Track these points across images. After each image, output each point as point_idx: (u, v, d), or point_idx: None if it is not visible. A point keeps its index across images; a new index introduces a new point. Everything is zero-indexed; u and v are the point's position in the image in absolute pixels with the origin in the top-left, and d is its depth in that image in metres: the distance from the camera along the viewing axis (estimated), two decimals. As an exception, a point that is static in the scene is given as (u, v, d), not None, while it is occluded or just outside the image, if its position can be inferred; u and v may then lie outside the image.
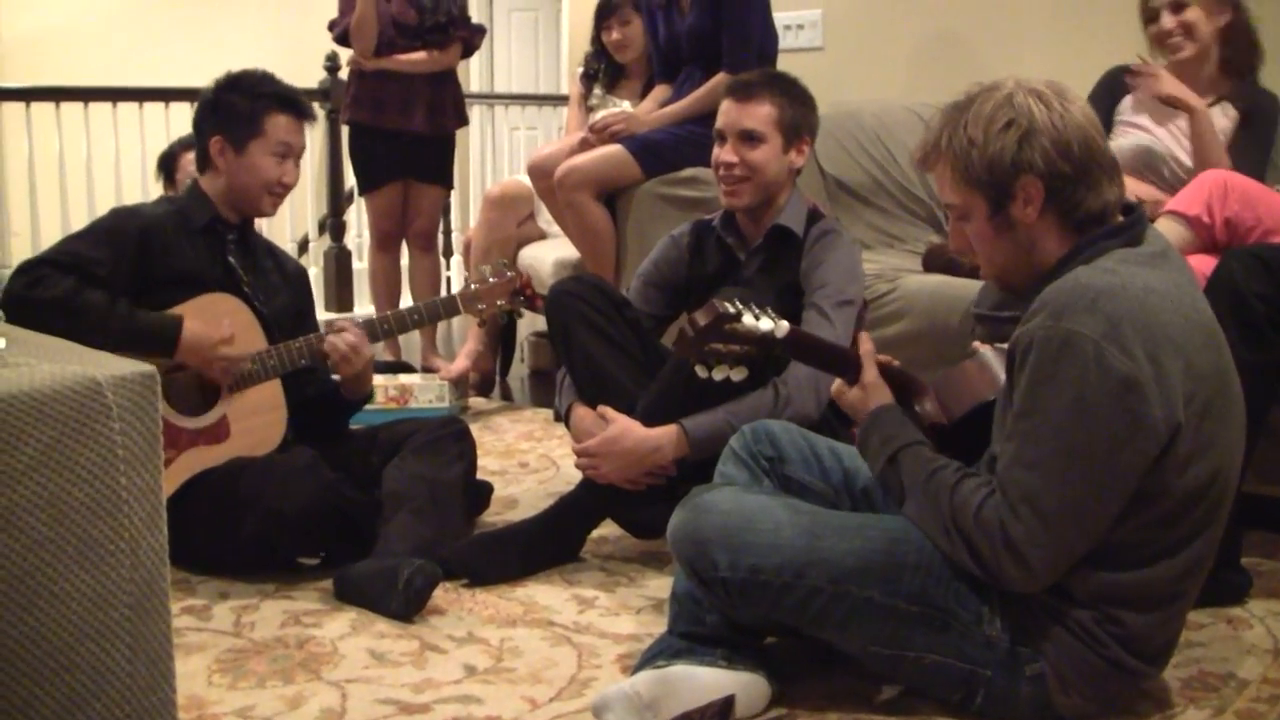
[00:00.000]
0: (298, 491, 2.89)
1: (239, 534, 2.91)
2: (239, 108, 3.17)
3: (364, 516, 3.03)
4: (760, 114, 3.11)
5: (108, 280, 2.96)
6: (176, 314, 3.00)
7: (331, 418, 3.35)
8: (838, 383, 2.35)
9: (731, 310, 2.20)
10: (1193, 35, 3.53)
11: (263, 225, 3.39)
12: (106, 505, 1.39)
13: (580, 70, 5.13)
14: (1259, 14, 3.60)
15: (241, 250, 3.26)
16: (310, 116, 3.30)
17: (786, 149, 3.13)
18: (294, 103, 3.24)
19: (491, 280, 3.35)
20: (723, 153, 3.14)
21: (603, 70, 4.98)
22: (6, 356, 1.44)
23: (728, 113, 3.15)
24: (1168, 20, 3.53)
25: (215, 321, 3.04)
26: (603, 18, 4.92)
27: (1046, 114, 2.03)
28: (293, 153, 3.22)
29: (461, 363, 4.89)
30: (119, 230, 3.06)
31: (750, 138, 3.10)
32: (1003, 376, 2.17)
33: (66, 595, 1.37)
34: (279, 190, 3.21)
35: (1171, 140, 3.58)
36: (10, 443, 1.32)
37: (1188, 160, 3.54)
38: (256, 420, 3.10)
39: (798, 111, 3.15)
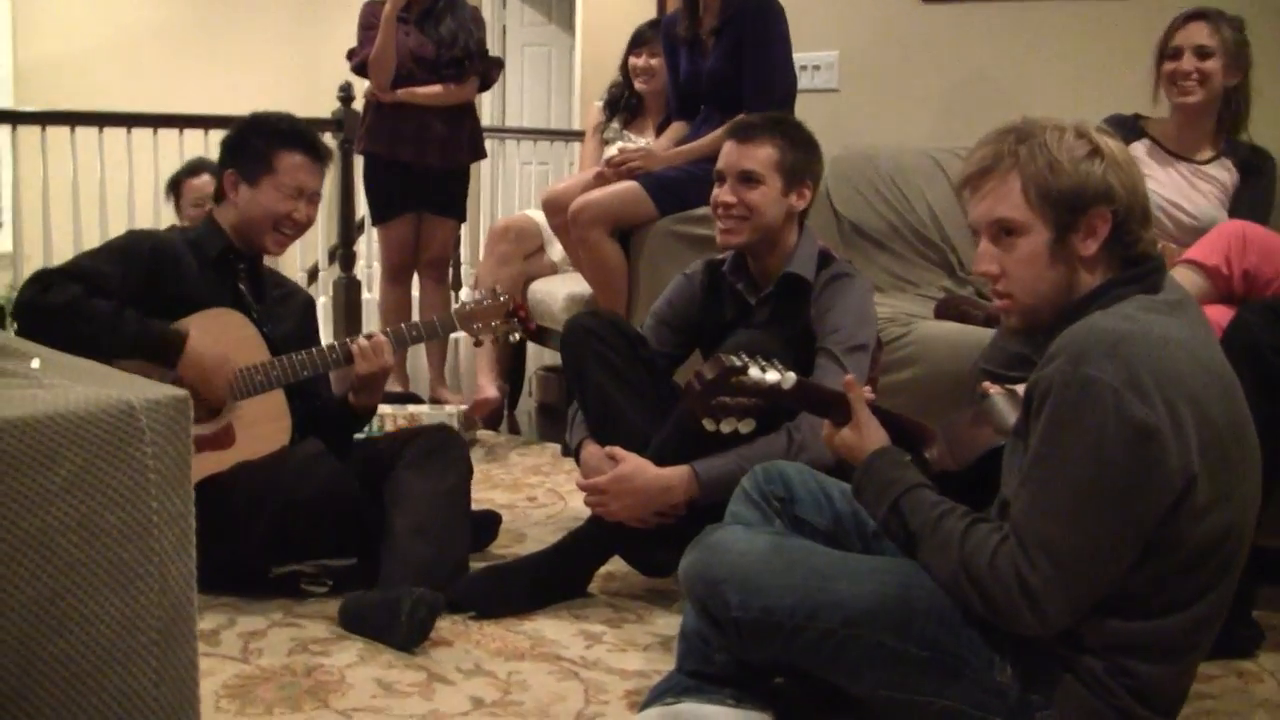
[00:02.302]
0: (311, 477, 2.96)
1: (253, 529, 2.95)
2: (254, 144, 3.25)
3: (370, 513, 3.07)
4: (760, 156, 3.11)
5: (116, 295, 3.01)
6: (183, 328, 3.04)
7: (336, 433, 3.35)
8: (827, 426, 2.34)
9: (738, 364, 2.20)
10: (1206, 84, 3.58)
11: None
12: (137, 529, 1.39)
13: (603, 99, 5.16)
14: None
15: (251, 279, 3.31)
16: (325, 159, 3.35)
17: (786, 192, 3.13)
18: (310, 143, 3.30)
19: (486, 302, 3.39)
20: (721, 193, 3.14)
21: (624, 100, 5.02)
22: (41, 378, 1.44)
23: (729, 154, 3.16)
24: (1188, 62, 3.57)
25: (221, 335, 3.09)
26: (635, 45, 4.99)
27: (1120, 151, 2.05)
28: (304, 194, 3.26)
29: (492, 391, 4.89)
30: (131, 250, 3.12)
31: (749, 179, 3.11)
32: (1012, 421, 2.17)
33: (96, 619, 1.36)
34: (287, 226, 3.26)
35: (1176, 189, 3.60)
36: (44, 464, 1.32)
37: (1191, 208, 3.57)
38: (261, 429, 3.13)
39: (799, 155, 3.14)
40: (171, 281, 3.12)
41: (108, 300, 2.97)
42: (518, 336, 3.51)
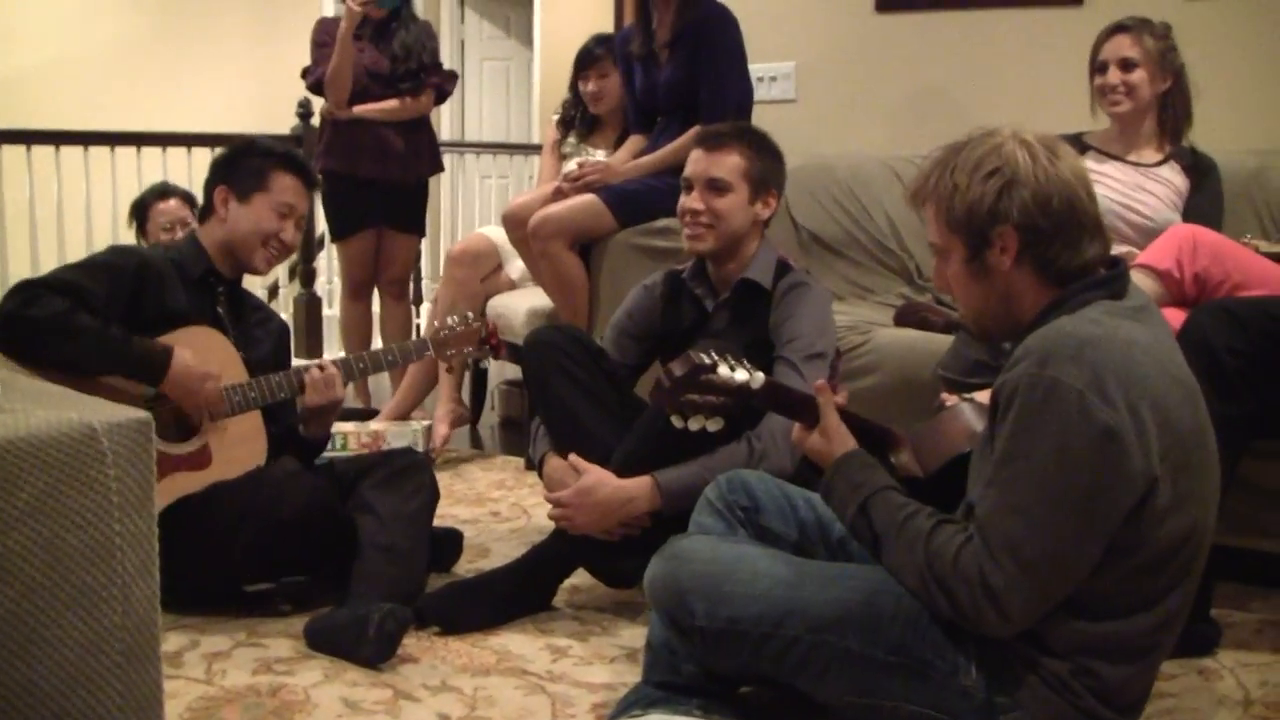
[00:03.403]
0: (292, 495, 2.95)
1: (234, 549, 2.95)
2: (249, 163, 3.28)
3: (347, 527, 3.07)
4: (728, 164, 3.14)
5: (100, 312, 2.97)
6: (167, 343, 3.02)
7: (299, 457, 3.34)
8: (798, 429, 2.35)
9: (707, 361, 2.21)
10: (1133, 95, 3.67)
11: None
12: (100, 551, 1.38)
13: (556, 116, 5.15)
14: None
15: (230, 302, 3.31)
16: (315, 184, 3.41)
17: (753, 200, 3.16)
18: (301, 167, 3.34)
19: (459, 329, 3.41)
20: (689, 200, 3.17)
21: (579, 118, 5.02)
22: (1, 402, 1.43)
23: (696, 162, 3.19)
24: (1114, 75, 3.67)
25: (202, 354, 3.07)
26: (582, 67, 4.95)
27: (1031, 166, 2.05)
28: (294, 214, 3.29)
29: (443, 429, 4.86)
30: (116, 266, 3.08)
31: (717, 186, 3.14)
32: (979, 429, 2.19)
33: (59, 642, 1.36)
34: (276, 246, 3.27)
35: (1126, 191, 3.64)
36: (5, 488, 1.31)
37: (1144, 209, 3.60)
38: (238, 449, 3.12)
39: (766, 164, 3.18)
40: (155, 300, 3.09)
41: (92, 316, 2.93)
42: (489, 362, 3.54)
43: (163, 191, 4.73)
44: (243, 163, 3.29)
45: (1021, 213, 2.04)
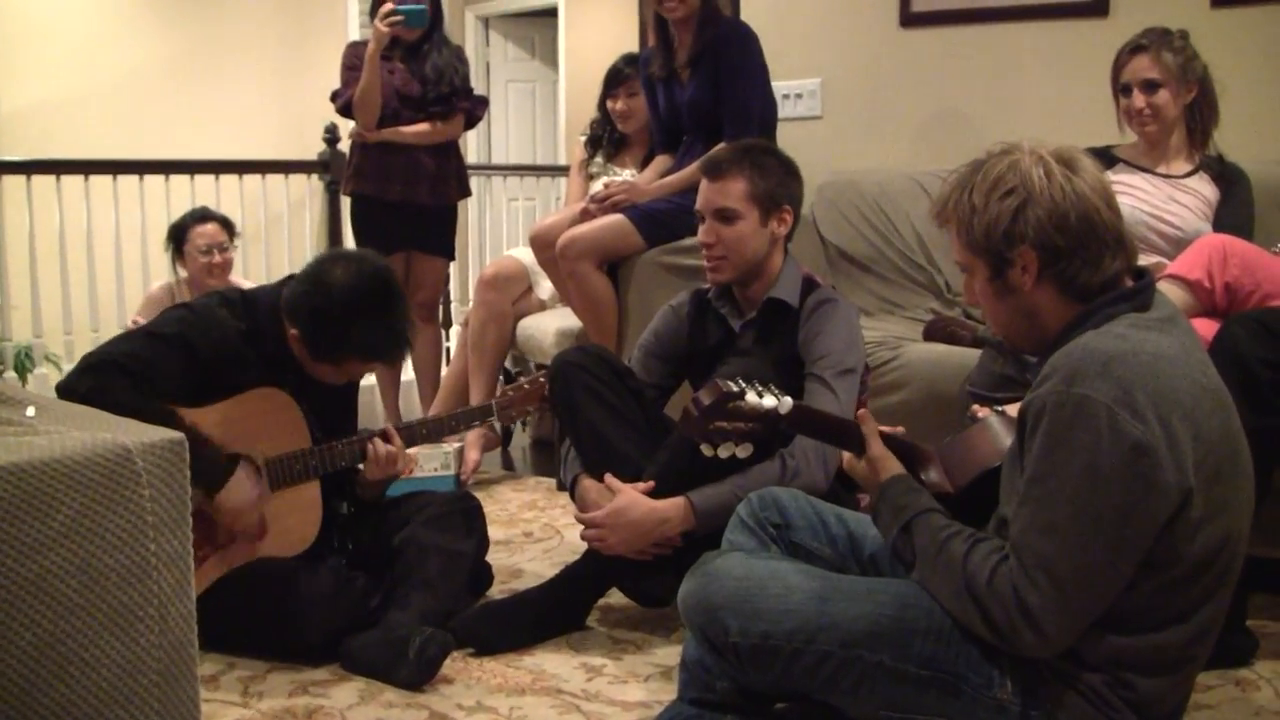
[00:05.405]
0: (320, 621, 2.91)
1: (260, 641, 2.93)
2: (332, 331, 3.06)
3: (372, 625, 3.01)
4: (733, 191, 3.12)
5: (173, 395, 2.91)
6: (231, 460, 2.95)
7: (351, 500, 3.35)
8: (848, 455, 2.35)
9: (735, 389, 2.21)
10: (1159, 116, 3.64)
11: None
12: (136, 571, 1.39)
13: (584, 135, 5.18)
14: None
15: (299, 369, 3.19)
16: (392, 362, 3.28)
17: (765, 221, 3.14)
18: (383, 356, 3.17)
19: (526, 388, 3.43)
20: (703, 232, 3.16)
21: (606, 136, 5.04)
22: (37, 425, 1.45)
23: (703, 193, 3.17)
24: (1139, 99, 3.63)
25: (266, 416, 3.06)
26: (611, 86, 4.99)
27: (1047, 184, 2.04)
28: (361, 374, 3.32)
29: (474, 455, 4.87)
30: (193, 343, 2.99)
31: (725, 216, 3.12)
32: (1008, 443, 2.19)
33: (97, 662, 1.37)
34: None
35: (1157, 202, 3.62)
36: (42, 510, 1.33)
37: (1174, 220, 3.59)
38: (293, 520, 3.09)
39: (771, 182, 3.14)
40: (226, 376, 3.02)
41: (165, 407, 2.84)
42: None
43: (202, 215, 4.78)
44: (327, 325, 3.06)
45: (1037, 232, 2.03)
